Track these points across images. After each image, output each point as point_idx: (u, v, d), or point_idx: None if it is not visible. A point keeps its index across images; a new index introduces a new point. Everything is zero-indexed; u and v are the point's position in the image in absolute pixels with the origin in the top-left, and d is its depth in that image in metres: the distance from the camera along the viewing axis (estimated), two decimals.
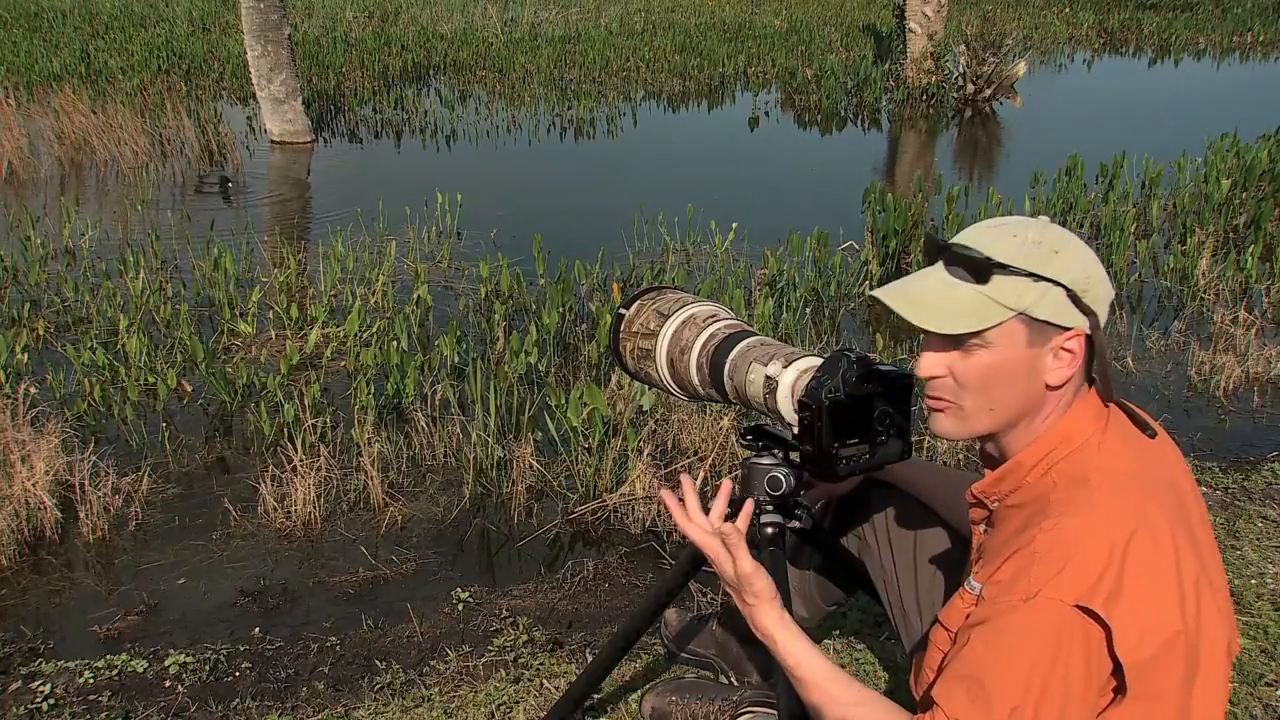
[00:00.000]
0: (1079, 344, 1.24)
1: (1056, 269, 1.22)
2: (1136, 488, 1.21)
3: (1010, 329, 1.23)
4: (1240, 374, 4.01)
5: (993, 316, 1.23)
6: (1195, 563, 1.20)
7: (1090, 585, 1.13)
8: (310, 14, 15.28)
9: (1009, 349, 1.24)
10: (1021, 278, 1.22)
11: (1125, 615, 1.13)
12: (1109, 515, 1.17)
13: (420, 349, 4.16)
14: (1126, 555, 1.14)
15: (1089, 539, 1.16)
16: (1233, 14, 17.28)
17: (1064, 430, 1.26)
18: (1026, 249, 1.23)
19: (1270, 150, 6.62)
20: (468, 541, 3.03)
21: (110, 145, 7.66)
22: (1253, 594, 2.55)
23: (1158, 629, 1.15)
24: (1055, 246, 1.23)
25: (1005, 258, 1.22)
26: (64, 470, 3.10)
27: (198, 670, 2.40)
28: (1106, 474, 1.22)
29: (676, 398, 1.74)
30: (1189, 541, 1.21)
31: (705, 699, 2.06)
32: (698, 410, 3.43)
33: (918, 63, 10.60)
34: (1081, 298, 1.22)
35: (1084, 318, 1.22)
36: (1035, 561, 1.17)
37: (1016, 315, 1.22)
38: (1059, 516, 1.19)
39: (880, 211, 5.48)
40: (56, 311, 4.61)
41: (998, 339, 1.23)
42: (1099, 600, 1.13)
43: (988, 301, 1.23)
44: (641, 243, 5.47)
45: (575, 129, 9.24)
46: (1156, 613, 1.15)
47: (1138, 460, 1.26)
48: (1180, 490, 1.29)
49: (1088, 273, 1.23)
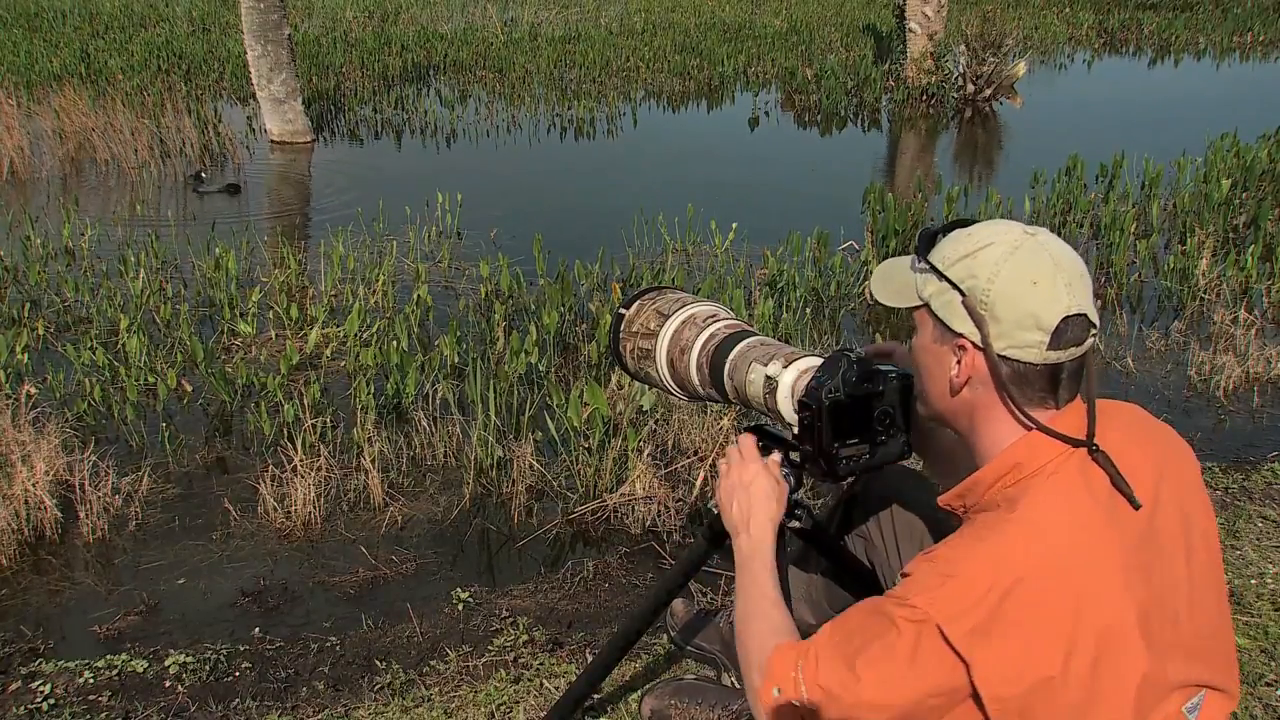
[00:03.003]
0: (969, 356, 1.22)
1: (959, 271, 1.21)
2: (1064, 533, 1.16)
3: (923, 318, 1.27)
4: (1240, 374, 4.01)
5: (907, 300, 1.27)
6: (1126, 615, 1.15)
7: (959, 611, 1.13)
8: (310, 14, 15.29)
9: (924, 337, 1.28)
10: (931, 272, 1.24)
11: (986, 652, 1.12)
12: (1009, 551, 1.15)
13: (420, 349, 4.16)
14: (1007, 595, 1.12)
15: (977, 568, 1.15)
16: (1233, 14, 17.28)
17: (1017, 454, 1.22)
18: (951, 245, 1.24)
19: (1270, 150, 6.63)
20: (468, 541, 3.03)
21: (110, 145, 7.66)
22: (1253, 594, 2.55)
23: (1024, 672, 1.12)
24: (976, 250, 1.21)
25: (934, 250, 1.25)
26: (64, 470, 3.10)
27: (198, 670, 2.40)
28: (1037, 509, 1.18)
29: (676, 398, 1.73)
30: (1130, 597, 1.16)
31: (705, 703, 2.06)
32: (698, 410, 3.43)
33: (918, 63, 10.60)
34: (975, 307, 1.19)
35: (974, 328, 1.20)
36: (928, 566, 1.19)
37: (924, 305, 1.25)
38: (973, 536, 1.20)
39: (880, 211, 5.48)
40: (56, 311, 4.61)
41: (920, 325, 1.28)
42: (961, 629, 1.12)
43: (909, 285, 1.27)
44: (641, 243, 5.47)
45: (575, 129, 9.24)
46: (1025, 655, 1.12)
47: (1091, 510, 1.19)
48: (1161, 548, 1.22)
49: (992, 286, 1.18)
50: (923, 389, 1.32)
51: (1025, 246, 1.20)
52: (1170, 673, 1.19)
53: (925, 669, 1.14)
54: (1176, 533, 1.24)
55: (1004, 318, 1.18)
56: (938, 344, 1.25)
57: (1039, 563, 1.14)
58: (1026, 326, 1.18)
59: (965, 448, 1.30)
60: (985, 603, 1.12)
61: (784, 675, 1.24)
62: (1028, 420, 1.21)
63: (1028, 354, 1.19)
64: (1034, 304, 1.17)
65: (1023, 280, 1.18)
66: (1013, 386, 1.20)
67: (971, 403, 1.25)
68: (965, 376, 1.23)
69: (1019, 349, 1.19)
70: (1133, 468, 1.22)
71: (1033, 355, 1.19)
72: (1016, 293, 1.17)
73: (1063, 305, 1.17)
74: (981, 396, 1.23)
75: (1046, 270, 1.18)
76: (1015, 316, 1.18)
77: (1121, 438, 1.25)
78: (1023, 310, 1.17)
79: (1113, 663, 1.14)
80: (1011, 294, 1.18)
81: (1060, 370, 1.20)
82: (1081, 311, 1.18)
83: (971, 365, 1.22)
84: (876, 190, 5.77)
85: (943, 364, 1.25)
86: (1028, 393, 1.21)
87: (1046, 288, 1.17)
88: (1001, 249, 1.20)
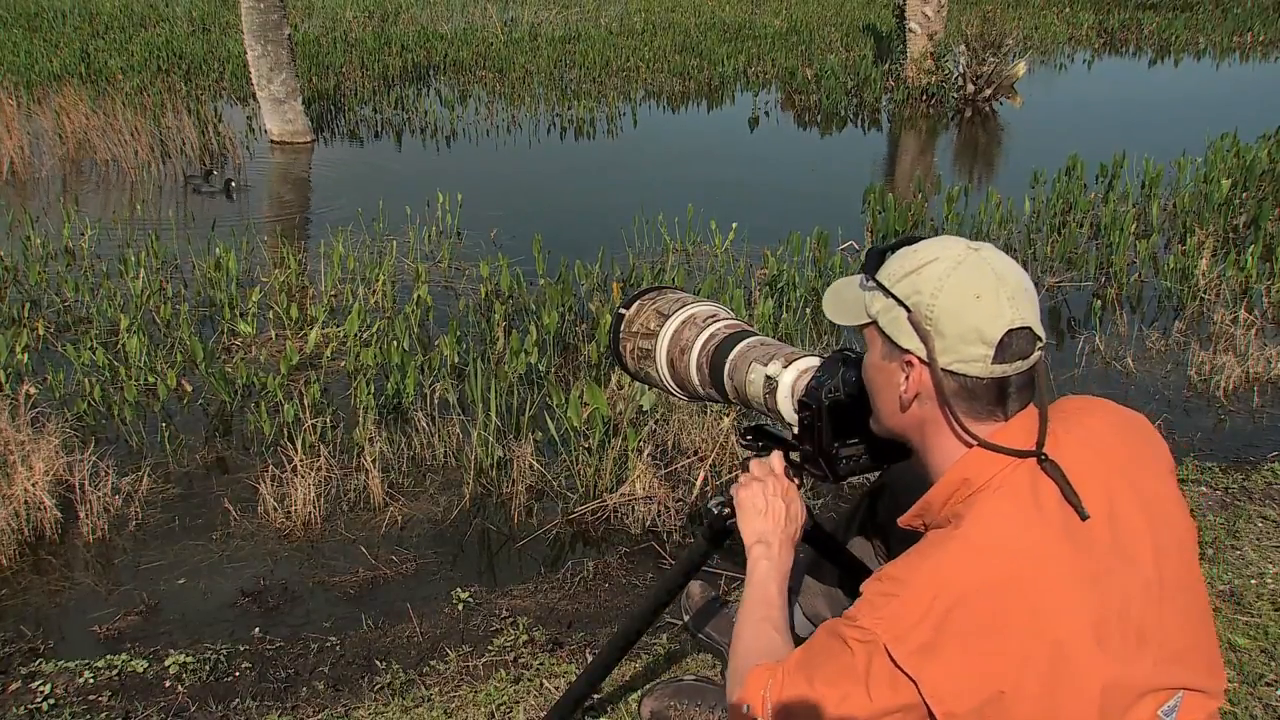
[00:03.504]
0: (916, 372, 1.23)
1: (904, 288, 1.22)
2: (1006, 547, 1.17)
3: (872, 335, 1.28)
4: (1240, 374, 4.01)
5: (856, 318, 1.29)
6: (1079, 625, 1.15)
7: (903, 630, 1.14)
8: (310, 14, 15.28)
9: (874, 354, 1.29)
10: (878, 290, 1.25)
11: (933, 670, 1.13)
12: (950, 569, 1.16)
13: (420, 349, 4.16)
14: (950, 613, 1.13)
15: (919, 586, 1.16)
16: (1233, 14, 17.27)
17: (964, 470, 1.23)
18: (897, 262, 1.25)
19: (1270, 150, 6.63)
20: (468, 541, 3.03)
21: (111, 145, 7.66)
22: (1253, 594, 2.55)
23: (974, 689, 1.13)
24: (920, 267, 1.22)
25: (881, 267, 1.26)
26: (64, 470, 3.10)
27: (198, 670, 2.41)
28: (978, 525, 1.19)
29: (677, 398, 1.73)
30: (1084, 607, 1.16)
31: (705, 704, 2.05)
32: (698, 410, 3.43)
33: (918, 63, 10.60)
34: (920, 323, 1.21)
35: (920, 343, 1.21)
36: (876, 586, 1.20)
37: (872, 323, 1.27)
38: (918, 554, 1.21)
39: (880, 211, 5.48)
40: (56, 311, 4.61)
41: (870, 343, 1.29)
42: (907, 649, 1.14)
43: (858, 303, 1.29)
44: (641, 243, 5.47)
45: (575, 129, 9.24)
46: (973, 672, 1.13)
47: (1036, 521, 1.19)
48: (1123, 553, 1.21)
49: (936, 302, 1.19)
50: (875, 406, 1.33)
51: (968, 262, 1.21)
52: (1139, 679, 1.19)
53: (878, 690, 1.15)
54: (1142, 535, 1.23)
55: (948, 332, 1.19)
56: (886, 360, 1.27)
57: (981, 579, 1.15)
58: (970, 340, 1.19)
59: (922, 465, 1.31)
60: (928, 621, 1.14)
61: (755, 694, 1.27)
62: (969, 436, 1.22)
63: (973, 368, 1.20)
64: (977, 318, 1.18)
65: (966, 295, 1.19)
66: (959, 401, 1.22)
67: (921, 418, 1.26)
68: (913, 392, 1.24)
69: (964, 363, 1.20)
70: (1088, 474, 1.22)
71: (978, 369, 1.20)
72: (960, 307, 1.19)
73: (1006, 319, 1.18)
74: (930, 412, 1.25)
75: (989, 285, 1.19)
76: (959, 331, 1.19)
77: (1079, 442, 1.25)
78: (966, 324, 1.18)
79: (1069, 675, 1.14)
80: (955, 309, 1.19)
81: (1007, 384, 1.21)
82: (1026, 325, 1.19)
83: (919, 381, 1.23)
84: (876, 190, 5.77)
85: (892, 380, 1.26)
86: (975, 406, 1.22)
87: (990, 302, 1.18)
88: (945, 265, 1.21)
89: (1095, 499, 1.21)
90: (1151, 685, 1.20)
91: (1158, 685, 1.20)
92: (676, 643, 2.43)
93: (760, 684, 1.27)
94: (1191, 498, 3.09)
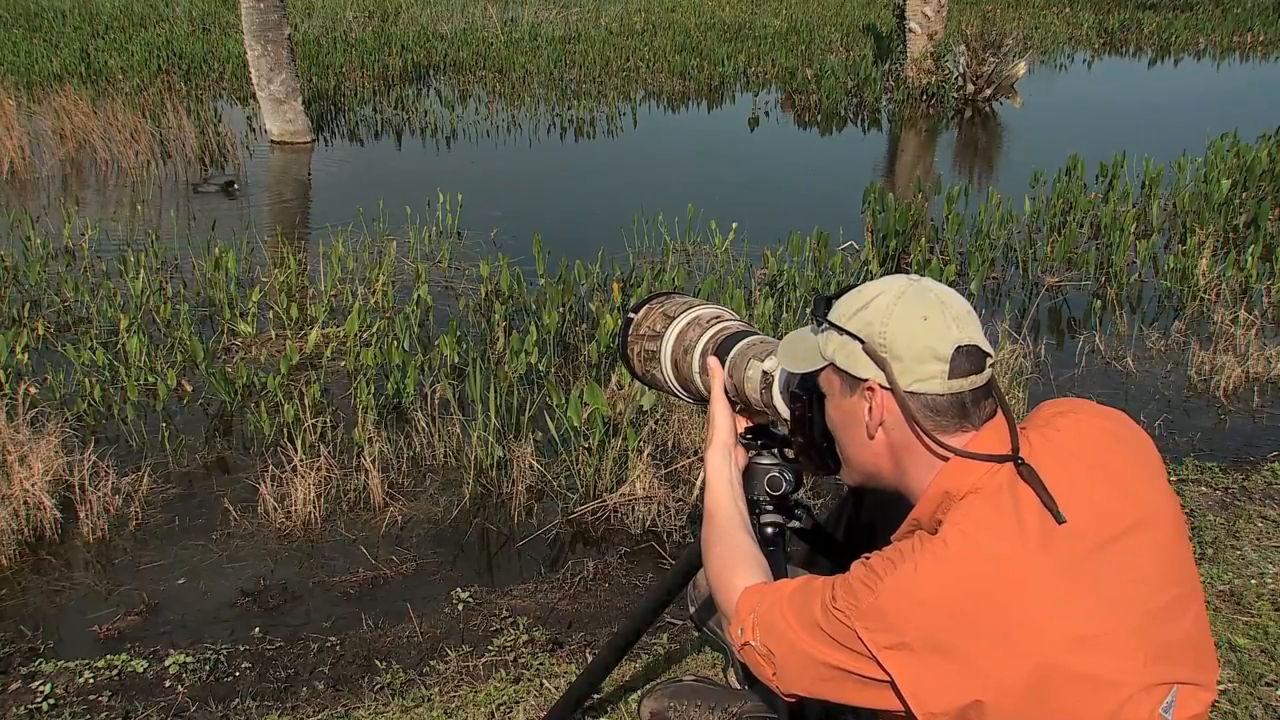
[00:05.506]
0: (878, 397, 1.27)
1: (856, 323, 1.27)
2: (983, 554, 1.19)
3: (829, 379, 1.32)
4: (1240, 374, 4.01)
5: (813, 363, 1.33)
6: (1059, 631, 1.16)
7: (878, 628, 1.18)
8: (310, 14, 15.28)
9: (835, 396, 1.33)
10: (831, 330, 1.30)
11: (908, 670, 1.16)
12: (926, 575, 1.18)
13: (420, 349, 4.16)
14: (928, 619, 1.17)
15: (894, 588, 1.18)
16: (1233, 14, 17.28)
17: (944, 484, 1.26)
18: (845, 303, 1.31)
19: (1270, 150, 6.63)
20: (468, 541, 3.03)
21: (110, 145, 7.66)
22: (1253, 594, 2.55)
23: (948, 694, 1.16)
24: (868, 302, 1.28)
25: (831, 310, 1.32)
26: (64, 470, 3.10)
27: (198, 670, 2.41)
28: (954, 530, 1.21)
29: (682, 400, 1.74)
30: (1066, 611, 1.17)
31: (704, 705, 2.05)
32: (698, 410, 3.43)
33: (918, 63, 10.60)
34: (876, 350, 1.25)
35: (878, 370, 1.25)
36: (862, 571, 1.22)
37: (828, 365, 1.31)
38: (895, 554, 1.22)
39: (880, 211, 5.48)
40: (56, 311, 4.61)
41: (828, 389, 1.33)
42: (881, 643, 1.17)
43: (813, 349, 1.33)
44: (641, 243, 5.47)
45: (575, 129, 9.24)
46: (950, 679, 1.16)
47: (1012, 528, 1.20)
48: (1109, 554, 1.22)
49: (887, 328, 1.25)
50: (843, 452, 1.36)
51: (910, 291, 1.28)
52: (1131, 677, 1.19)
53: (843, 655, 1.21)
54: (1126, 531, 1.24)
55: (904, 355, 1.24)
56: (847, 397, 1.31)
57: (956, 587, 1.17)
58: (925, 359, 1.24)
59: (902, 498, 1.33)
60: (899, 624, 1.17)
61: (745, 618, 1.33)
62: (942, 449, 1.26)
63: (932, 385, 1.24)
64: (928, 337, 1.24)
65: (914, 318, 1.25)
66: (925, 418, 1.26)
67: (890, 445, 1.29)
68: (879, 419, 1.28)
69: (923, 381, 1.24)
70: (1066, 476, 1.23)
71: (937, 386, 1.24)
72: (910, 330, 1.25)
73: (954, 337, 1.24)
74: (898, 437, 1.28)
75: (934, 307, 1.26)
76: (914, 351, 1.24)
77: (1056, 445, 1.27)
78: (919, 345, 1.24)
79: (1055, 683, 1.16)
80: (906, 332, 1.25)
81: (966, 399, 1.26)
82: (973, 342, 1.25)
83: (883, 406, 1.27)
84: (876, 190, 5.77)
85: (856, 415, 1.30)
86: (942, 421, 1.26)
87: (936, 322, 1.25)
88: (890, 296, 1.27)
89: (1075, 499, 1.22)
90: (1144, 682, 1.20)
91: (1150, 682, 1.21)
92: (676, 643, 2.43)
93: (749, 607, 1.34)
94: (1191, 498, 3.09)
